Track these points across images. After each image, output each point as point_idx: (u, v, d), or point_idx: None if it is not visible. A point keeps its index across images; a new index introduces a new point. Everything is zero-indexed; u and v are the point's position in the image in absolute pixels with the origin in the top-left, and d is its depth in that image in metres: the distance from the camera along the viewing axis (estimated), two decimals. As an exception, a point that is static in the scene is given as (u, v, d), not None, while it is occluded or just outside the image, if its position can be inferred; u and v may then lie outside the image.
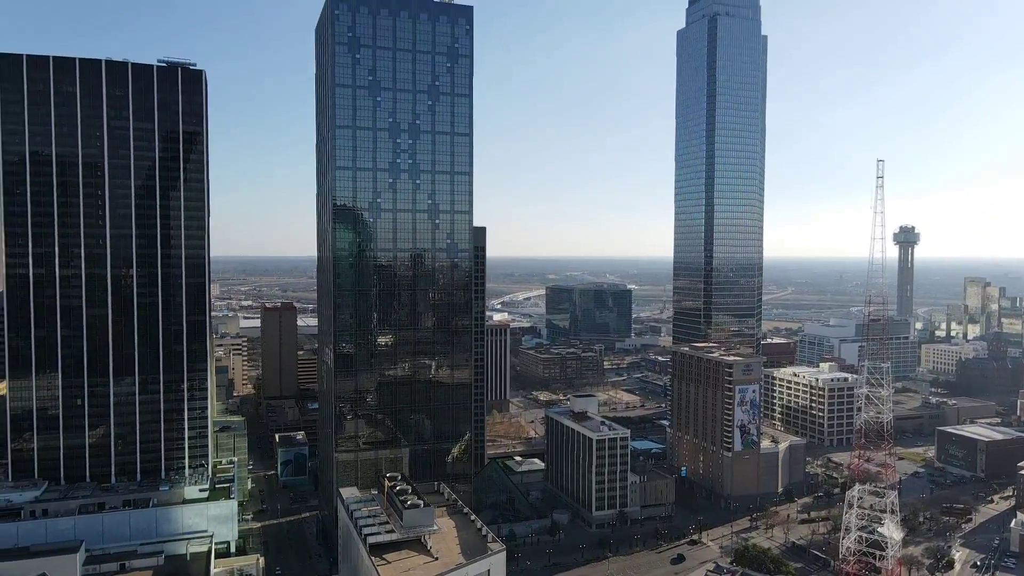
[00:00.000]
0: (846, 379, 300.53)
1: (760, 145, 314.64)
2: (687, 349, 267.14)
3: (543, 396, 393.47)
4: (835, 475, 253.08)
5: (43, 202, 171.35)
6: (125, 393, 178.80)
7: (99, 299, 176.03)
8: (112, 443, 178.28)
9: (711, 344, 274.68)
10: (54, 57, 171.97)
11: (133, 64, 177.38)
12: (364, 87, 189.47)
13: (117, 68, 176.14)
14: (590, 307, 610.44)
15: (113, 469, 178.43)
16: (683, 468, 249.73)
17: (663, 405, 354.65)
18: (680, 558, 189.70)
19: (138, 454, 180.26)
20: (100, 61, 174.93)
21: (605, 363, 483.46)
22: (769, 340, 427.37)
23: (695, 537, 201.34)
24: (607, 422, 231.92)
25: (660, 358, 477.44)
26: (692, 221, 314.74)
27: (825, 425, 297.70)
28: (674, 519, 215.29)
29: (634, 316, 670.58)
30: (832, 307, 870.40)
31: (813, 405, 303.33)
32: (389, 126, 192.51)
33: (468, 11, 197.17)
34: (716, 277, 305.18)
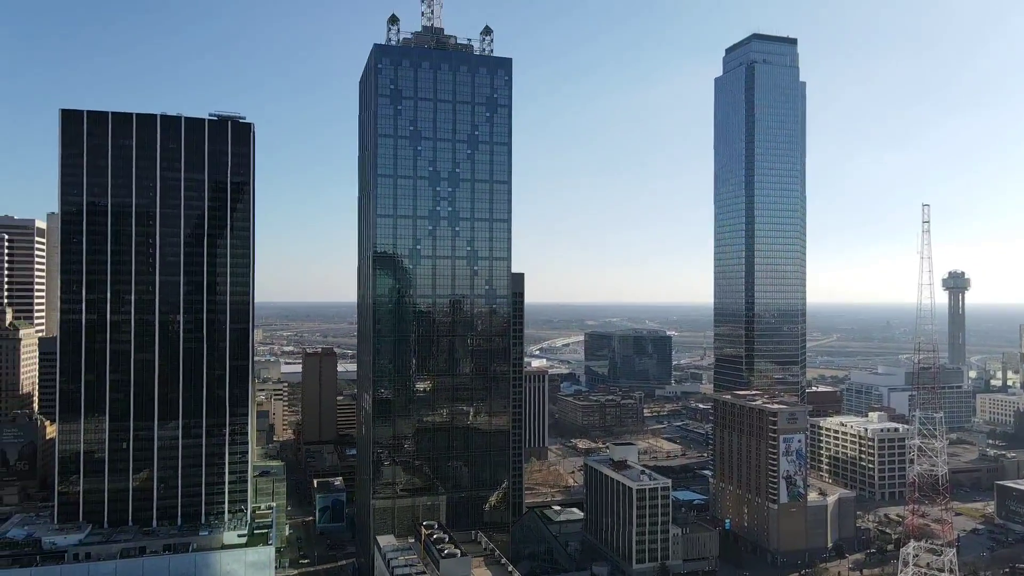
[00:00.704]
0: (897, 429, 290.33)
1: (801, 190, 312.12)
2: (729, 397, 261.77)
3: (582, 444, 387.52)
4: (888, 531, 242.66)
5: (97, 251, 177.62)
6: (169, 437, 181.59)
7: (147, 344, 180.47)
8: (155, 487, 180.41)
9: (754, 392, 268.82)
10: (113, 113, 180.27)
11: (186, 118, 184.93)
12: (405, 137, 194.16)
13: (171, 122, 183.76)
14: (629, 353, 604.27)
15: (155, 513, 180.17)
16: (727, 520, 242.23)
17: (705, 454, 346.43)
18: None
19: (179, 498, 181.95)
20: (155, 116, 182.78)
21: (645, 410, 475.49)
22: (814, 388, 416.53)
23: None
24: (647, 471, 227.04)
25: (701, 406, 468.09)
26: (732, 267, 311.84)
27: (876, 477, 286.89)
28: (718, 574, 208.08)
29: (674, 363, 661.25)
30: (879, 354, 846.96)
31: (863, 456, 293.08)
32: (429, 175, 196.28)
33: (507, 63, 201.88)
34: (758, 323, 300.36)
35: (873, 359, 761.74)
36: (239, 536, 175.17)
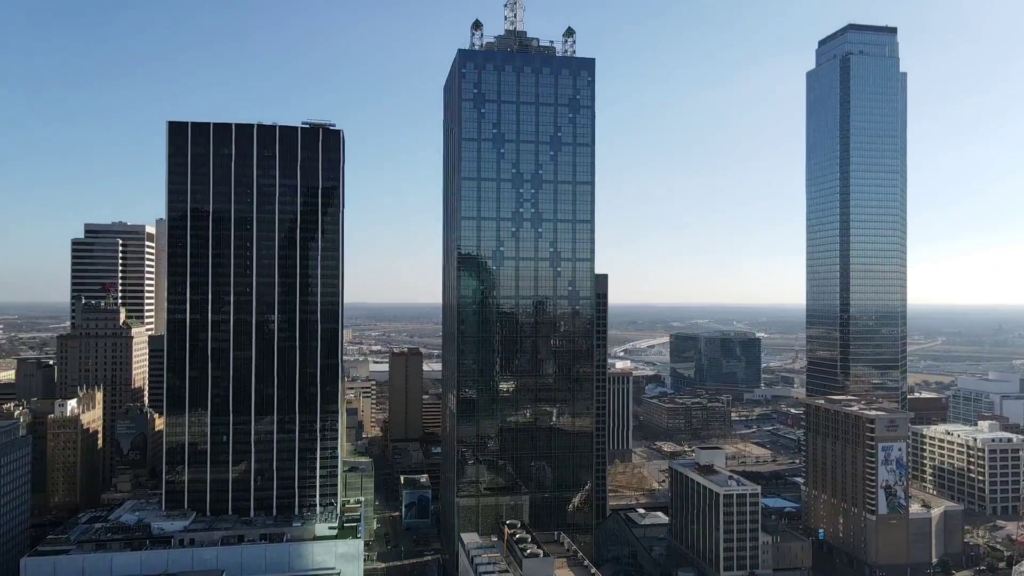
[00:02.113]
0: (1011, 440, 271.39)
1: (901, 185, 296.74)
2: (823, 402, 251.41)
3: (667, 447, 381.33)
4: (1000, 547, 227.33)
5: (200, 254, 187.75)
6: (264, 431, 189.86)
7: (244, 343, 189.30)
8: (252, 478, 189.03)
9: (849, 397, 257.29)
10: (214, 124, 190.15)
11: (280, 127, 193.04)
12: (489, 140, 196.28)
13: (266, 131, 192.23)
14: (716, 356, 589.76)
15: (252, 503, 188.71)
16: (820, 530, 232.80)
17: (796, 461, 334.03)
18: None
19: (274, 490, 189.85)
20: (252, 125, 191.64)
21: (733, 414, 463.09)
22: (917, 394, 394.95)
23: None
24: (735, 476, 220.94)
25: (793, 410, 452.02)
26: (826, 266, 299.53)
27: (987, 490, 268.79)
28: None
29: (764, 366, 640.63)
30: (990, 359, 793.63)
31: (971, 468, 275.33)
32: (513, 176, 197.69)
33: (590, 63, 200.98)
34: (854, 326, 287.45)
35: (983, 364, 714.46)
36: (330, 528, 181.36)
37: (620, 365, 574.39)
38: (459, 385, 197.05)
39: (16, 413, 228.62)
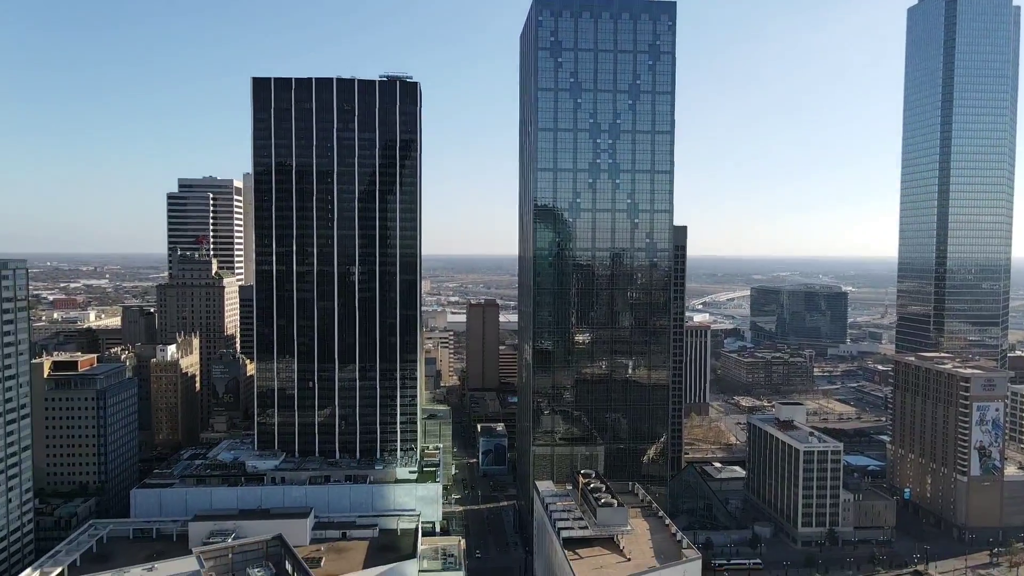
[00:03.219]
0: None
1: (1010, 129, 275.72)
2: (913, 359, 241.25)
3: (745, 402, 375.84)
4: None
5: (284, 207, 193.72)
6: (347, 379, 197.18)
7: (327, 293, 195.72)
8: (336, 423, 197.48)
9: (943, 354, 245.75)
10: (295, 79, 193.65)
11: (359, 80, 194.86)
12: (566, 89, 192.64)
13: (346, 85, 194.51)
14: (800, 310, 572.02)
15: (337, 446, 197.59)
16: (906, 490, 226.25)
17: (883, 419, 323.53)
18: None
19: (357, 434, 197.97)
20: (332, 79, 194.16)
21: (815, 370, 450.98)
22: (1018, 353, 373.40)
23: (920, 568, 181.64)
24: (816, 433, 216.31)
25: (880, 367, 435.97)
26: (922, 217, 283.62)
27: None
28: (894, 545, 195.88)
29: (850, 321, 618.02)
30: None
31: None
32: (590, 127, 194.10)
33: (671, 7, 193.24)
34: (951, 279, 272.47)
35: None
36: (410, 472, 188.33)
37: (698, 318, 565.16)
38: (535, 336, 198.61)
39: (123, 357, 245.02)
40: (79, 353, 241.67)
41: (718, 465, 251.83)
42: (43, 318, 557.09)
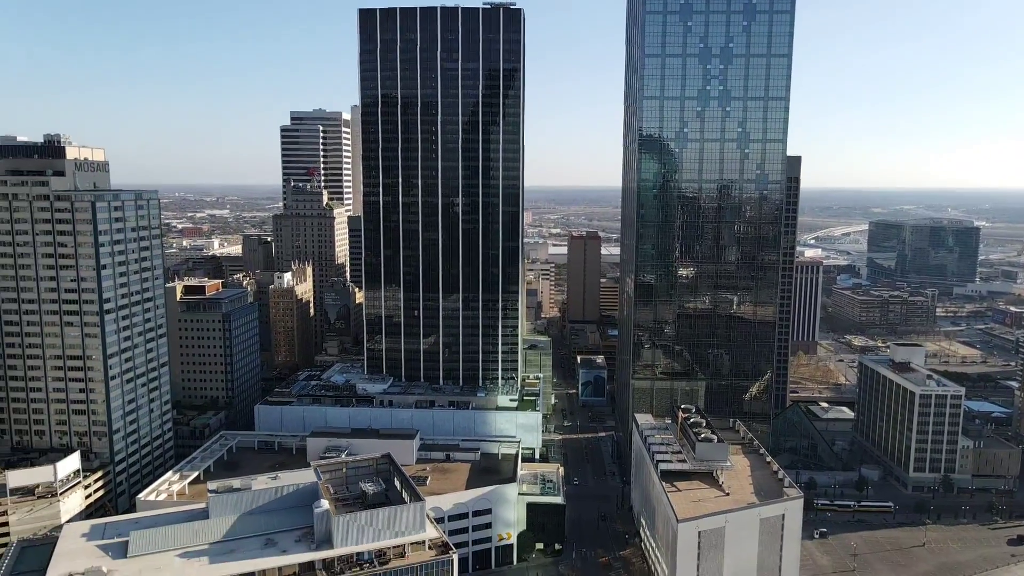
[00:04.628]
0: None
1: None
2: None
3: (857, 341, 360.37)
4: None
5: (389, 139, 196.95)
6: (451, 308, 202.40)
7: (431, 224, 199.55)
8: (440, 350, 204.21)
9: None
10: (400, 8, 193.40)
11: (463, 8, 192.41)
12: (675, 11, 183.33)
13: (449, 13, 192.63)
14: (923, 246, 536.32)
15: (441, 373, 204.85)
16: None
17: (1012, 364, 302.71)
18: (1021, 540, 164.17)
19: (460, 362, 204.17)
20: (436, 8, 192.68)
21: (938, 310, 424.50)
22: None
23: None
24: (935, 376, 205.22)
25: (1013, 308, 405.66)
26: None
27: None
28: (1016, 495, 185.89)
29: (981, 258, 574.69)
30: None
31: None
32: (700, 52, 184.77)
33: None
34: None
35: None
36: (511, 400, 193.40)
37: (810, 253, 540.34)
38: (637, 270, 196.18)
39: (245, 283, 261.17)
40: (206, 279, 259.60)
41: (825, 405, 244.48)
42: (173, 246, 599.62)
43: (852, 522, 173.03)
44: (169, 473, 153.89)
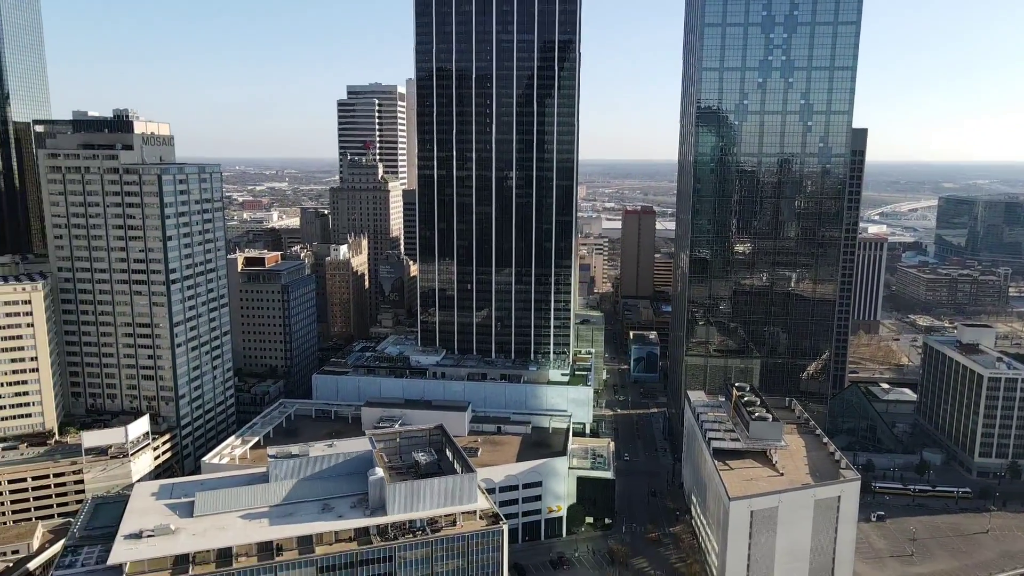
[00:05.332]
0: None
1: None
2: None
3: (922, 321, 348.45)
4: None
5: (444, 112, 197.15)
6: (503, 282, 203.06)
7: (485, 198, 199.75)
8: (493, 324, 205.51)
9: None
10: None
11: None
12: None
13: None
14: (997, 222, 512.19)
15: (493, 346, 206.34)
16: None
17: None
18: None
19: (512, 336, 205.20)
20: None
21: (1011, 290, 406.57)
22: None
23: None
24: (1006, 359, 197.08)
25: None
26: None
27: None
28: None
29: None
30: None
31: None
32: (762, 20, 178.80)
33: None
34: None
35: None
36: (562, 375, 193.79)
37: (874, 230, 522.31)
38: (692, 245, 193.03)
39: (302, 255, 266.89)
40: (266, 251, 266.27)
41: (885, 386, 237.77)
42: (235, 218, 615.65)
43: (912, 506, 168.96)
44: (231, 438, 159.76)
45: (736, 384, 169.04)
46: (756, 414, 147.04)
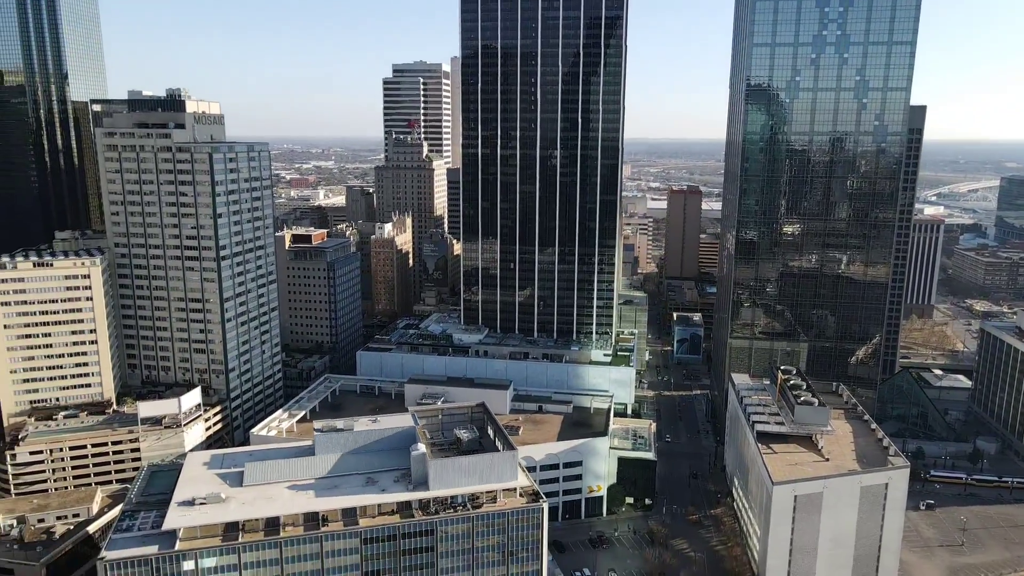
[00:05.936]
0: None
1: None
2: None
3: (979, 305, 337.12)
4: None
5: (489, 90, 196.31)
6: (546, 261, 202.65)
7: (528, 177, 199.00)
8: (535, 303, 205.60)
9: None
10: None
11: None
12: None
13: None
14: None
15: (535, 325, 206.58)
16: None
17: None
18: None
19: (555, 315, 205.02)
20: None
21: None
22: None
23: None
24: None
25: None
26: None
27: None
28: None
29: None
30: None
31: None
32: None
33: None
34: None
35: None
36: (604, 355, 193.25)
37: (930, 211, 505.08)
38: (739, 226, 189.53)
39: (348, 233, 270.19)
40: (312, 228, 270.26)
41: (939, 372, 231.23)
42: (282, 196, 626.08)
43: (964, 495, 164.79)
44: (279, 411, 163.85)
45: (782, 367, 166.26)
46: (802, 398, 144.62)
